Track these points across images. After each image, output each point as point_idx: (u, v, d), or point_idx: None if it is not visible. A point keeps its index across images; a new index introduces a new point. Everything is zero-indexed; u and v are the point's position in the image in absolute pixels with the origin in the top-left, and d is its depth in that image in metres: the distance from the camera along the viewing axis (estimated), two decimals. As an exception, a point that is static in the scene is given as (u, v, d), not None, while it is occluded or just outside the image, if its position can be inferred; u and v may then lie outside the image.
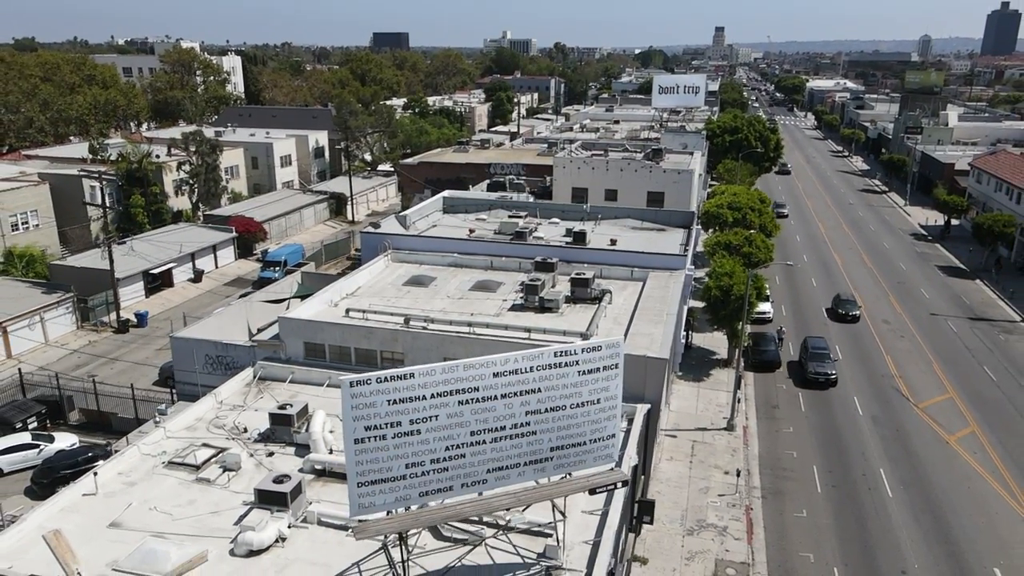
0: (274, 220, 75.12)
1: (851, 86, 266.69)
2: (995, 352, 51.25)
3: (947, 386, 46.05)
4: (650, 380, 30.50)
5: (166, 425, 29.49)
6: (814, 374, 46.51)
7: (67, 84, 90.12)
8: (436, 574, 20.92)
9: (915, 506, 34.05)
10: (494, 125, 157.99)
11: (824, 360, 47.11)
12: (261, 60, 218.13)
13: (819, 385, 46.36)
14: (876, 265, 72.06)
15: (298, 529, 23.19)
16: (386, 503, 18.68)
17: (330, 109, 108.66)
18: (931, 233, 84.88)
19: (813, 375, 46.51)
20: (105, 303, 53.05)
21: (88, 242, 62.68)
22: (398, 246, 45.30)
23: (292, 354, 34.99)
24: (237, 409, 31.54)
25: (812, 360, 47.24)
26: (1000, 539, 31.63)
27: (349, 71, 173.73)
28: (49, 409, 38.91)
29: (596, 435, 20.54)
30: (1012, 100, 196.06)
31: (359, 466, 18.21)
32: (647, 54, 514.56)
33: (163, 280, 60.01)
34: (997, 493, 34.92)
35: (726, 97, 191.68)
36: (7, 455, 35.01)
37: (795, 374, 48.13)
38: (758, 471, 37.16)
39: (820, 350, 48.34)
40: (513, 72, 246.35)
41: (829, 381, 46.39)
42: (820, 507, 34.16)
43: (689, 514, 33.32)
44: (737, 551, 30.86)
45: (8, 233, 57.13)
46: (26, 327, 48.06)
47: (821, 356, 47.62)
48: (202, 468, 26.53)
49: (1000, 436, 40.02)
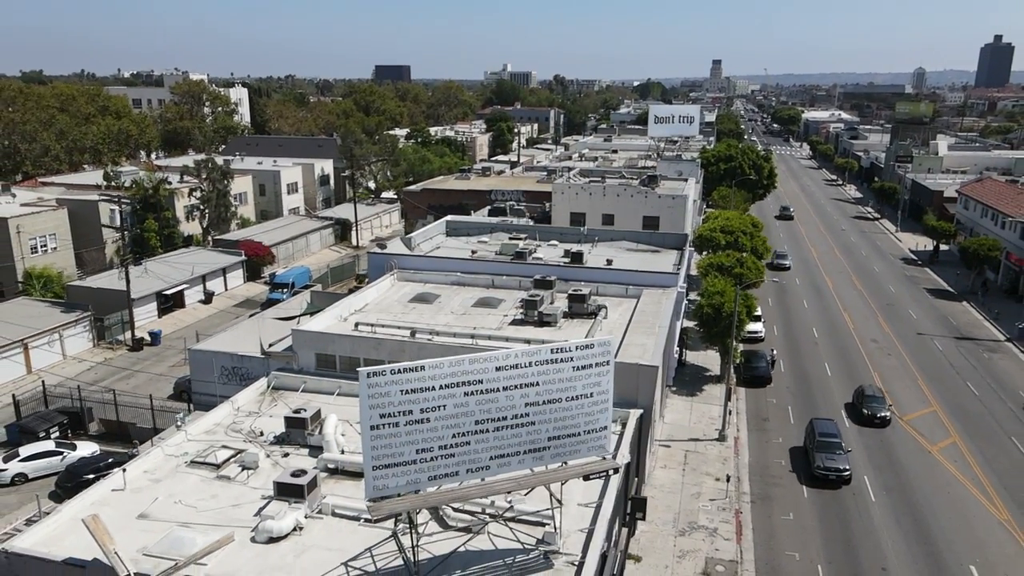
0: (281, 244, 77.42)
1: (846, 117, 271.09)
2: (979, 369, 53.10)
3: (931, 400, 47.85)
4: (642, 387, 32.42)
5: (187, 429, 31.36)
6: (823, 470, 37.58)
7: (82, 114, 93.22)
8: (442, 558, 22.66)
9: (896, 509, 35.73)
10: (495, 154, 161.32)
11: (835, 452, 38.50)
12: (266, 92, 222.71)
13: (829, 483, 37.53)
14: (866, 288, 74.16)
15: (314, 519, 24.96)
16: (398, 486, 20.55)
17: (335, 138, 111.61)
18: (920, 258, 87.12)
19: (822, 471, 37.56)
20: (120, 322, 55.05)
21: (103, 264, 64.88)
22: (404, 266, 47.43)
23: (304, 365, 36.94)
24: (253, 415, 33.40)
25: (821, 451, 38.58)
26: (977, 539, 33.28)
27: (353, 102, 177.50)
28: (70, 420, 40.75)
29: (590, 427, 22.47)
30: (1003, 131, 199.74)
31: (374, 451, 20.12)
32: (646, 86, 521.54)
33: (175, 301, 62.07)
34: (975, 498, 36.61)
35: (722, 127, 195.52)
36: (32, 461, 36.79)
37: (799, 466, 39.59)
38: (748, 478, 38.85)
39: (830, 438, 39.54)
40: (513, 103, 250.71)
41: (842, 479, 37.42)
42: (806, 511, 35.83)
43: (681, 517, 34.99)
44: (726, 550, 32.50)
45: (27, 255, 59.33)
46: (46, 344, 50.02)
47: (831, 446, 38.93)
48: (222, 467, 28.36)
49: (980, 446, 41.76)
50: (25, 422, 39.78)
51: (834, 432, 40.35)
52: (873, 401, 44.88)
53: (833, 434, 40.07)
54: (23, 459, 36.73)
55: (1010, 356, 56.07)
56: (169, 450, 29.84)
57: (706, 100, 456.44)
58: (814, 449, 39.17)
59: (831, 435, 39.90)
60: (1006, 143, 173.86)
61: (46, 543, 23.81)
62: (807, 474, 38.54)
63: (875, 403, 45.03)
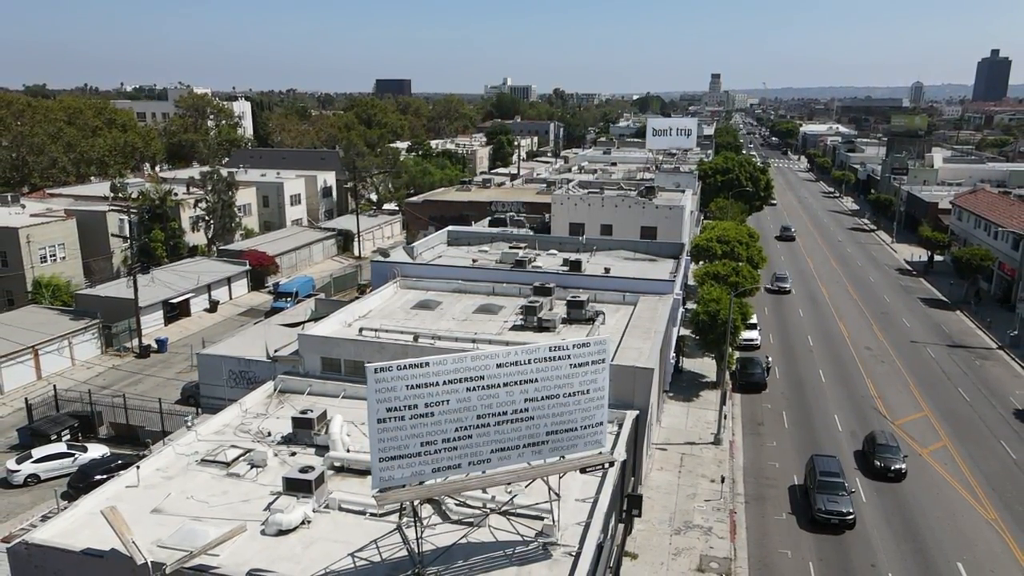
0: (285, 255, 78.57)
1: (843, 130, 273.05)
2: (970, 376, 54.09)
3: (923, 405, 48.83)
4: (639, 388, 33.43)
5: (197, 429, 32.35)
6: (824, 513, 34.67)
7: (89, 127, 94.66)
8: (444, 549, 23.60)
9: (887, 509, 36.64)
10: (495, 167, 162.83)
11: (838, 493, 35.42)
12: (268, 105, 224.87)
13: (831, 528, 34.73)
14: (861, 297, 75.23)
15: (321, 513, 25.90)
16: (403, 477, 21.55)
17: (337, 151, 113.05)
18: (915, 268, 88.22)
19: (823, 515, 34.68)
20: (128, 330, 56.10)
21: (110, 274, 66.00)
22: (406, 273, 48.54)
23: (310, 368, 37.96)
24: (260, 417, 34.37)
25: (822, 491, 35.58)
26: (965, 537, 34.19)
27: (354, 115, 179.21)
28: (81, 423, 41.71)
29: (586, 422, 23.47)
30: (999, 143, 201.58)
31: (381, 443, 21.14)
32: (645, 100, 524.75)
33: (181, 309, 63.16)
34: (963, 499, 37.54)
35: (721, 140, 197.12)
36: (44, 463, 37.75)
37: (799, 508, 36.69)
38: (742, 480, 39.78)
39: (832, 478, 36.34)
40: (513, 116, 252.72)
41: (845, 523, 34.59)
42: (800, 511, 36.72)
43: (677, 516, 35.91)
44: (720, 548, 33.40)
45: (37, 264, 60.45)
46: (55, 351, 51.06)
47: (834, 487, 35.81)
48: (232, 464, 29.32)
49: (970, 449, 42.70)
50: (37, 425, 40.77)
51: (836, 471, 36.99)
52: (886, 451, 39.93)
53: (835, 473, 36.76)
54: (35, 460, 37.70)
55: (1001, 363, 57.07)
56: (180, 449, 30.80)
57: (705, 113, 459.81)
58: (815, 489, 35.93)
59: (833, 474, 36.60)
60: (1001, 155, 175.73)
61: (64, 535, 24.72)
62: (807, 517, 35.64)
63: (888, 453, 39.84)
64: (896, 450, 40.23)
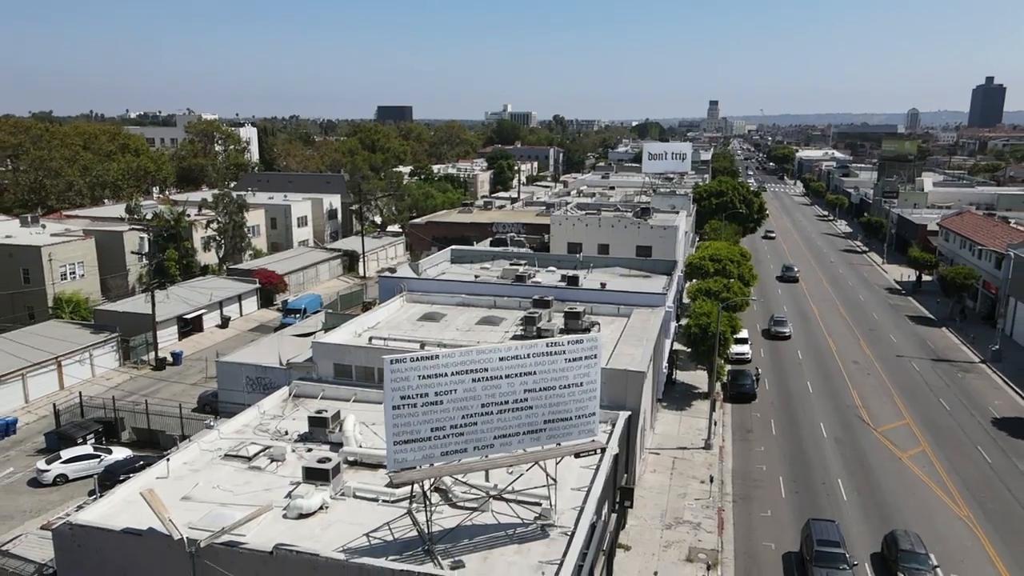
0: (293, 274, 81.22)
1: (839, 156, 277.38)
2: (952, 387, 56.42)
3: (905, 414, 51.15)
4: (630, 390, 35.87)
5: (219, 428, 34.73)
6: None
7: (104, 152, 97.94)
8: (450, 530, 25.90)
9: (866, 507, 38.86)
10: (496, 191, 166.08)
11: (838, 565, 31.60)
12: (272, 132, 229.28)
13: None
14: (850, 315, 77.75)
15: (337, 500, 28.22)
16: (415, 459, 23.96)
17: (343, 175, 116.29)
18: (904, 288, 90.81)
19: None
20: (144, 343, 58.58)
21: (125, 291, 68.61)
22: (412, 288, 51.15)
23: (323, 374, 40.37)
24: (277, 418, 36.76)
25: (820, 564, 31.86)
26: (937, 532, 36.36)
27: (358, 141, 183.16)
28: (104, 428, 44.04)
29: (580, 412, 25.91)
30: (991, 168, 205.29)
31: (395, 428, 23.57)
32: (644, 126, 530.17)
33: (194, 325, 65.67)
34: (939, 498, 39.77)
35: (717, 165, 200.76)
36: (72, 464, 40.07)
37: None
38: (731, 481, 42.02)
39: (831, 547, 32.53)
40: (514, 142, 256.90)
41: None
42: (783, 508, 38.96)
43: (668, 513, 38.12)
44: (708, 541, 35.58)
45: (57, 281, 63.09)
46: (77, 362, 53.51)
47: (833, 558, 31.92)
48: (253, 459, 31.68)
49: (948, 454, 44.97)
50: (63, 429, 43.12)
51: (836, 539, 33.13)
52: (913, 560, 32.08)
53: (835, 542, 32.89)
54: (64, 461, 40.01)
55: (983, 376, 59.42)
56: (204, 446, 33.18)
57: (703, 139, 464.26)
58: (812, 561, 32.17)
59: (832, 543, 32.78)
60: (993, 180, 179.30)
61: (105, 518, 27.05)
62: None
63: (916, 564, 31.94)
64: (925, 559, 32.18)
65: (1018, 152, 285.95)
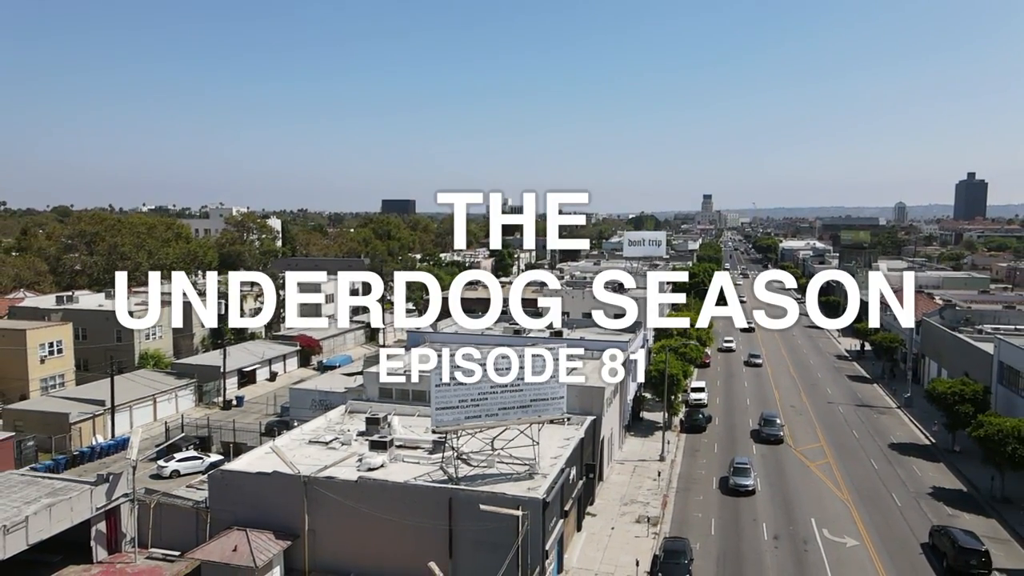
0: (325, 340, 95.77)
1: (819, 246, 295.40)
2: (865, 424, 70.06)
3: (821, 439, 64.73)
4: (595, 401, 50.05)
5: (301, 428, 48.75)
6: None
7: (162, 239, 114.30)
8: (468, 473, 39.61)
9: (774, 495, 52.16)
10: (497, 276, 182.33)
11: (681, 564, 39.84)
12: (287, 223, 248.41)
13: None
14: (798, 374, 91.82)
15: (392, 462, 42.05)
16: (448, 421, 38.05)
17: (363, 259, 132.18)
18: (851, 354, 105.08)
19: None
20: (214, 389, 72.64)
21: (190, 350, 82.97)
22: (432, 340, 65.64)
23: (370, 395, 54.47)
24: (339, 424, 50.77)
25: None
26: (823, 508, 49.64)
27: (371, 231, 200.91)
28: (200, 442, 57.76)
29: (553, 395, 40.11)
30: (954, 257, 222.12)
31: (437, 399, 37.80)
32: (639, 219, 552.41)
33: (249, 377, 79.78)
34: (829, 489, 53.12)
35: (703, 253, 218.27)
36: (183, 463, 53.73)
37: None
38: (676, 480, 55.41)
39: (678, 558, 40.20)
40: (513, 233, 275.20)
41: None
42: (712, 496, 52.24)
43: (626, 496, 51.45)
44: (654, 512, 48.82)
45: (143, 341, 77.67)
46: (166, 400, 67.51)
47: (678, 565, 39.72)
48: (330, 443, 45.63)
49: (845, 464, 58.39)
50: (172, 441, 56.83)
51: (682, 549, 40.88)
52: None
53: (680, 550, 40.71)
54: (177, 460, 53.65)
55: (894, 416, 73.16)
56: (292, 436, 47.21)
57: (696, 231, 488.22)
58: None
59: (679, 551, 40.67)
60: (955, 267, 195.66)
61: (243, 466, 40.87)
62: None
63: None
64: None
65: (992, 243, 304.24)
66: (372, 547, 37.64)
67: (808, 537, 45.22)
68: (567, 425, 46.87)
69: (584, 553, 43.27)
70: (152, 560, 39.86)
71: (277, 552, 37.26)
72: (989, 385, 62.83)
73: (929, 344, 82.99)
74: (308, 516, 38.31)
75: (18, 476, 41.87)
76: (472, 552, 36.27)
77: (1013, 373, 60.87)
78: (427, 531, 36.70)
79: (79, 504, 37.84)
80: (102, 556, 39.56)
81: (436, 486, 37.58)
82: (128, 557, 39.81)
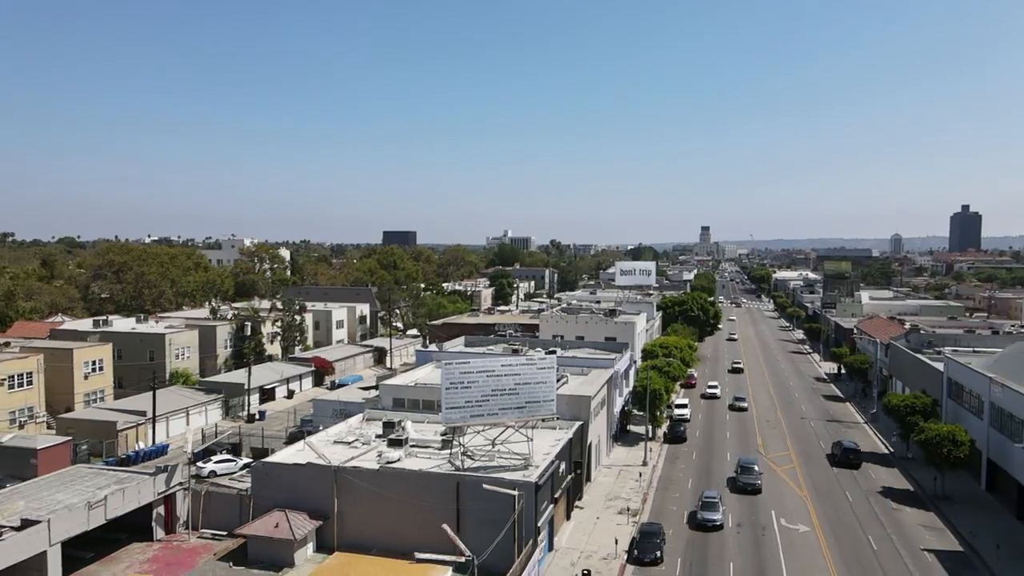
0: (337, 362, 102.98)
1: (812, 276, 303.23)
2: (832, 434, 76.94)
3: (790, 449, 71.63)
4: (582, 409, 57.18)
5: (325, 431, 55.85)
6: None
7: (183, 268, 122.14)
8: (473, 468, 46.60)
9: (744, 492, 59.04)
10: (497, 305, 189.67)
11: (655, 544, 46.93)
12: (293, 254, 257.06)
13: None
14: (777, 394, 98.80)
15: (407, 457, 49.09)
16: (456, 418, 45.22)
17: (370, 288, 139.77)
18: (830, 377, 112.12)
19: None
20: (239, 404, 79.65)
21: (215, 370, 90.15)
22: (439, 358, 72.86)
23: (385, 405, 61.55)
24: (358, 429, 57.81)
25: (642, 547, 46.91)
26: (783, 502, 56.50)
27: (376, 261, 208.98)
28: (232, 447, 64.75)
29: (545, 398, 47.29)
30: (938, 287, 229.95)
31: (446, 399, 45.01)
32: (638, 250, 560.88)
33: (269, 394, 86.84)
34: (791, 487, 60.00)
35: (697, 283, 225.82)
36: (219, 464, 60.71)
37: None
38: (657, 481, 62.28)
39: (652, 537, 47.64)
40: (513, 264, 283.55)
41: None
42: (688, 494, 59.05)
43: (611, 494, 58.32)
44: (635, 506, 55.67)
45: (172, 360, 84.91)
46: (197, 413, 74.54)
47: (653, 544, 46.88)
48: (352, 443, 52.70)
49: (808, 468, 65.30)
50: (208, 446, 63.82)
51: (655, 530, 48.48)
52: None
53: (656, 532, 48.23)
54: (215, 462, 60.64)
55: (861, 430, 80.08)
56: (317, 438, 54.28)
57: (693, 263, 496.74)
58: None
59: (653, 533, 48.21)
60: (939, 297, 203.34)
61: (282, 458, 47.89)
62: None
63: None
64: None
65: (982, 274, 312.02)
66: (391, 526, 44.50)
67: (767, 524, 52.11)
68: (558, 429, 53.97)
69: (572, 536, 50.15)
70: (203, 539, 46.67)
71: (311, 529, 44.12)
72: (939, 399, 69.90)
73: (896, 365, 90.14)
74: (337, 500, 45.24)
75: (87, 468, 48.91)
76: (476, 528, 43.09)
77: (958, 387, 67.95)
78: (438, 511, 43.56)
79: (144, 488, 44.82)
80: (160, 535, 46.39)
81: (446, 473, 44.65)
82: (182, 536, 46.63)
